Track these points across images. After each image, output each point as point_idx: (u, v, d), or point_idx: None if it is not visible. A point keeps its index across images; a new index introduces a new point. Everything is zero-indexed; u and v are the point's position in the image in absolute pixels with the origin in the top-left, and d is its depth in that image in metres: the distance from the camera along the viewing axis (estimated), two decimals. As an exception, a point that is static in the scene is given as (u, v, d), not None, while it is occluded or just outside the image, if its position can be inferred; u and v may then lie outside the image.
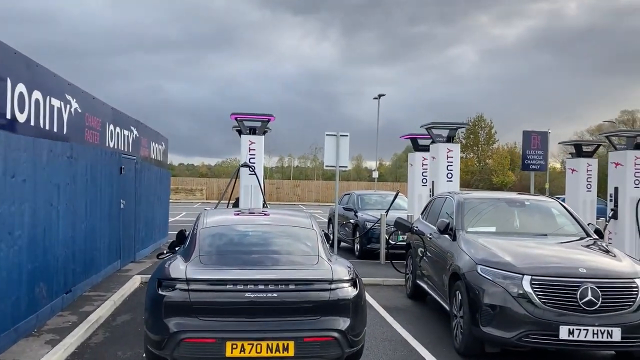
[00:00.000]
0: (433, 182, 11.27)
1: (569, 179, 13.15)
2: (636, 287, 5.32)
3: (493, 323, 5.40)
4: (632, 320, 5.19)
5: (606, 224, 11.66)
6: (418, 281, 8.34)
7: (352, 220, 14.25)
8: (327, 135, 12.00)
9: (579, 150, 12.84)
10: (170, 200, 40.72)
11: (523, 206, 7.47)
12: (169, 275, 4.88)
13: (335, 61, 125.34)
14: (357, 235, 13.52)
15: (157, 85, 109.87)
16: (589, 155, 12.80)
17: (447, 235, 7.05)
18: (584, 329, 5.13)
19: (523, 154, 11.32)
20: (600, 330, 5.13)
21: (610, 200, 11.62)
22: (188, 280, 4.74)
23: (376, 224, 12.43)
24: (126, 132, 11.01)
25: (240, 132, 10.80)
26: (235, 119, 10.49)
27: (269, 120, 10.60)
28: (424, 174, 12.31)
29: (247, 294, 4.69)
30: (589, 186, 12.62)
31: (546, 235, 6.78)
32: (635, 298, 5.27)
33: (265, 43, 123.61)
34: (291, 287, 4.78)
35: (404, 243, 9.75)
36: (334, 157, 11.99)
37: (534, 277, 5.36)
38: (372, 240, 12.85)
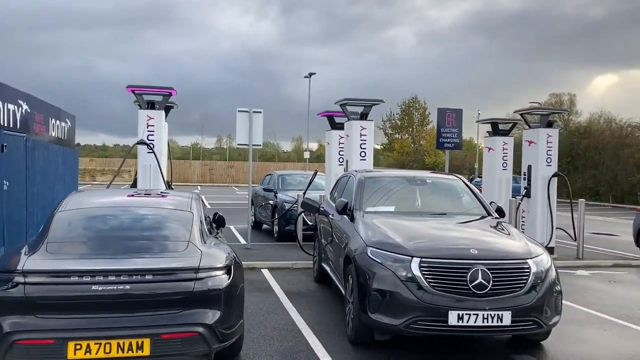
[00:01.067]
0: (347, 161, 10.88)
1: (486, 158, 13.10)
2: (528, 268, 5.07)
3: (381, 309, 5.02)
4: (523, 303, 4.93)
5: (519, 203, 11.66)
6: (323, 264, 7.93)
7: (271, 202, 13.75)
8: (238, 111, 11.34)
9: (495, 128, 12.78)
10: (97, 182, 38.77)
11: (425, 184, 7.16)
12: (5, 267, 4.21)
13: (275, 40, 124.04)
14: (276, 217, 13.05)
15: (89, 63, 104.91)
16: (505, 133, 12.76)
17: (345, 216, 6.65)
18: (473, 314, 4.82)
19: (438, 131, 11.09)
20: (491, 315, 4.84)
21: (524, 179, 11.63)
22: (25, 273, 4.08)
23: (294, 205, 11.99)
24: (11, 107, 9.94)
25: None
26: (133, 91, 9.65)
27: (170, 94, 9.83)
28: (341, 152, 11.90)
29: (94, 287, 4.07)
30: (504, 165, 12.59)
31: (445, 214, 6.48)
32: (527, 279, 5.02)
33: (203, 21, 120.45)
34: (148, 277, 4.20)
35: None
36: (247, 135, 11.36)
37: (423, 259, 5.00)
38: (290, 222, 12.41)
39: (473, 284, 4.87)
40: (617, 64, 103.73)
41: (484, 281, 4.87)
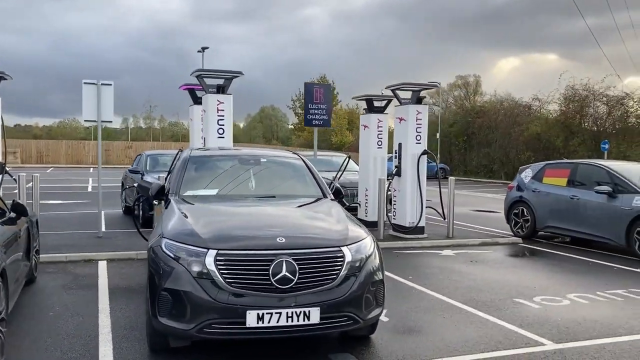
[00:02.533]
0: (204, 138, 9.99)
1: (362, 136, 12.66)
2: (342, 257, 4.45)
3: (171, 313, 4.23)
4: (334, 297, 4.32)
5: (390, 181, 11.31)
6: (158, 254, 7.04)
7: (136, 184, 12.61)
8: (84, 83, 10.11)
9: (370, 105, 12.33)
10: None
11: (258, 164, 6.41)
12: None
13: (186, 16, 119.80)
14: (140, 201, 11.93)
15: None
16: (381, 110, 12.34)
17: (163, 202, 5.80)
18: (275, 313, 4.15)
19: (305, 108, 10.37)
20: (296, 313, 4.19)
21: (395, 157, 11.26)
22: None
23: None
24: None
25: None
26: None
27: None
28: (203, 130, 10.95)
29: None
30: (379, 143, 12.19)
31: (274, 197, 5.78)
32: (340, 270, 4.40)
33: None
34: None
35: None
36: (95, 110, 10.16)
37: (220, 251, 4.26)
38: (154, 207, 11.35)
39: (276, 277, 4.18)
40: (519, 48, 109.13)
41: (288, 274, 4.20)
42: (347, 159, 12.95)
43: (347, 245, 4.54)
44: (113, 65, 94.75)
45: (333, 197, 5.93)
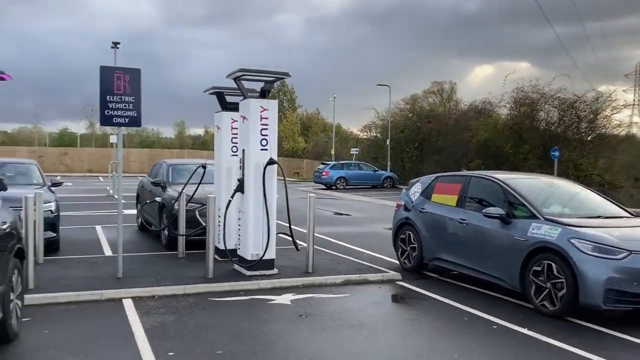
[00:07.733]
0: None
1: (215, 140, 10.04)
2: None
3: None
4: None
5: (229, 200, 8.66)
6: None
7: None
8: None
9: (222, 102, 9.74)
10: None
11: None
12: None
13: (157, 21, 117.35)
14: None
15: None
16: (236, 108, 9.72)
17: None
18: None
19: (101, 100, 7.62)
20: None
21: (240, 167, 8.65)
22: None
23: None
24: None
25: None
26: None
27: None
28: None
29: None
30: (234, 149, 9.57)
31: None
32: None
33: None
34: None
35: None
36: None
37: None
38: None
39: None
40: (493, 56, 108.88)
41: None
42: (202, 167, 10.34)
43: None
44: (81, 69, 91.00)
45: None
